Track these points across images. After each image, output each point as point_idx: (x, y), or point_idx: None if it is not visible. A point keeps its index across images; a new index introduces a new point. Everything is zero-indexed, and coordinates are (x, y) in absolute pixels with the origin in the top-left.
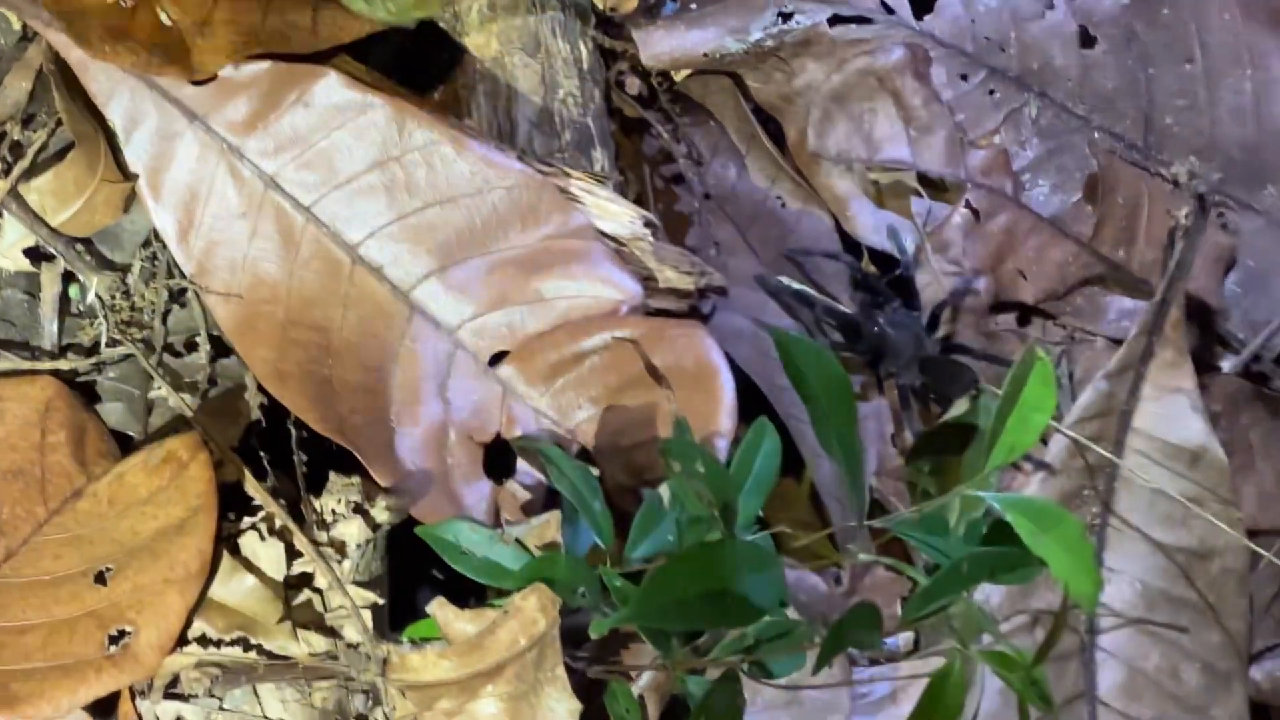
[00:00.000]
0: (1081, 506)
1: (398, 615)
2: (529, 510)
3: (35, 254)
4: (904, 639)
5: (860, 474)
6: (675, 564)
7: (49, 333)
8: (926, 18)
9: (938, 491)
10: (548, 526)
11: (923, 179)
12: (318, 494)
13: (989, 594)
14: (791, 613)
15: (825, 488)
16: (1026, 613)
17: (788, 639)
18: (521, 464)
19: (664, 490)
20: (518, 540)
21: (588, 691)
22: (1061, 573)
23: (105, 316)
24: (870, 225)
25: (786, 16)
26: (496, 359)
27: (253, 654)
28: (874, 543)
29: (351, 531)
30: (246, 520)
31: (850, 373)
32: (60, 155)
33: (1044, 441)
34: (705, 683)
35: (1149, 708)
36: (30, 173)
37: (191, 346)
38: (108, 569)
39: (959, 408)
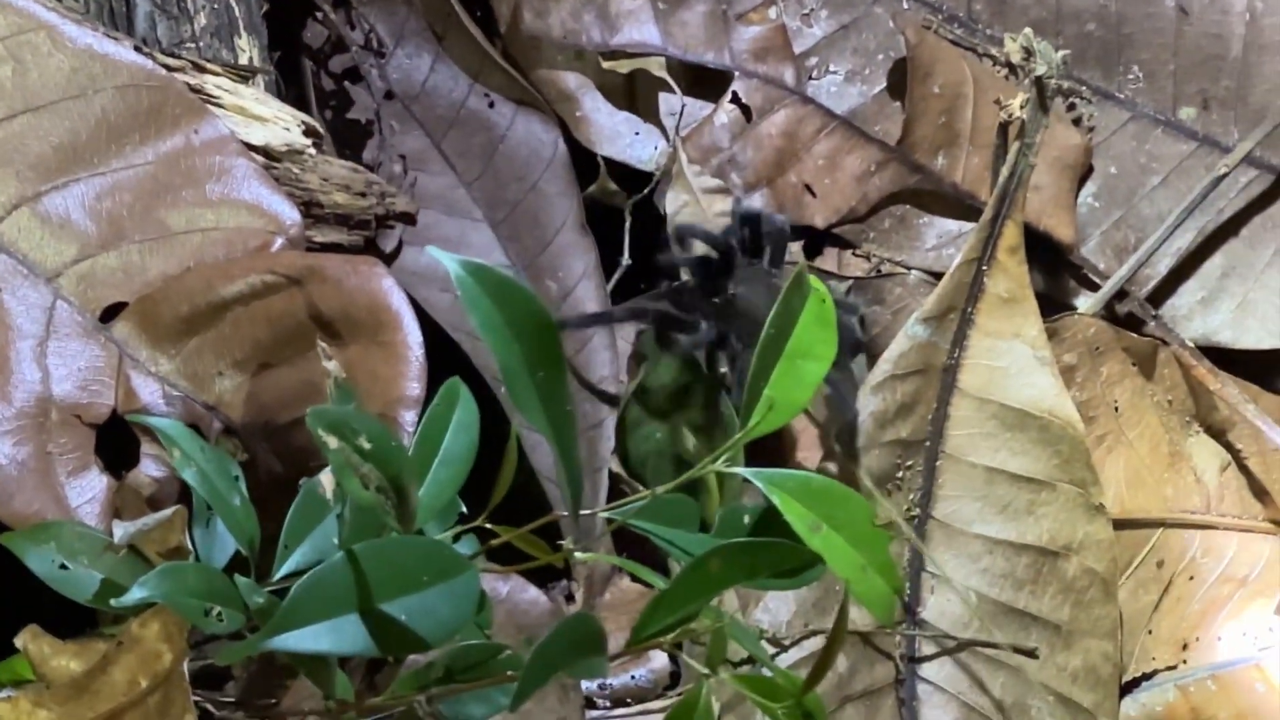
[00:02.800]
0: (894, 493)
1: None
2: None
3: None
4: (658, 671)
5: (573, 447)
6: (331, 571)
7: None
8: None
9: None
10: (170, 527)
11: (675, 67)
12: None
13: (775, 610)
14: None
15: (545, 471)
16: (822, 633)
17: (487, 669)
18: (149, 450)
19: (326, 478)
20: (132, 547)
21: None
22: (846, 570)
23: None
24: (606, 130)
25: None
26: (110, 313)
27: None
28: (614, 543)
29: None
30: None
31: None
32: None
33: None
34: None
35: None
36: None
37: None
38: None
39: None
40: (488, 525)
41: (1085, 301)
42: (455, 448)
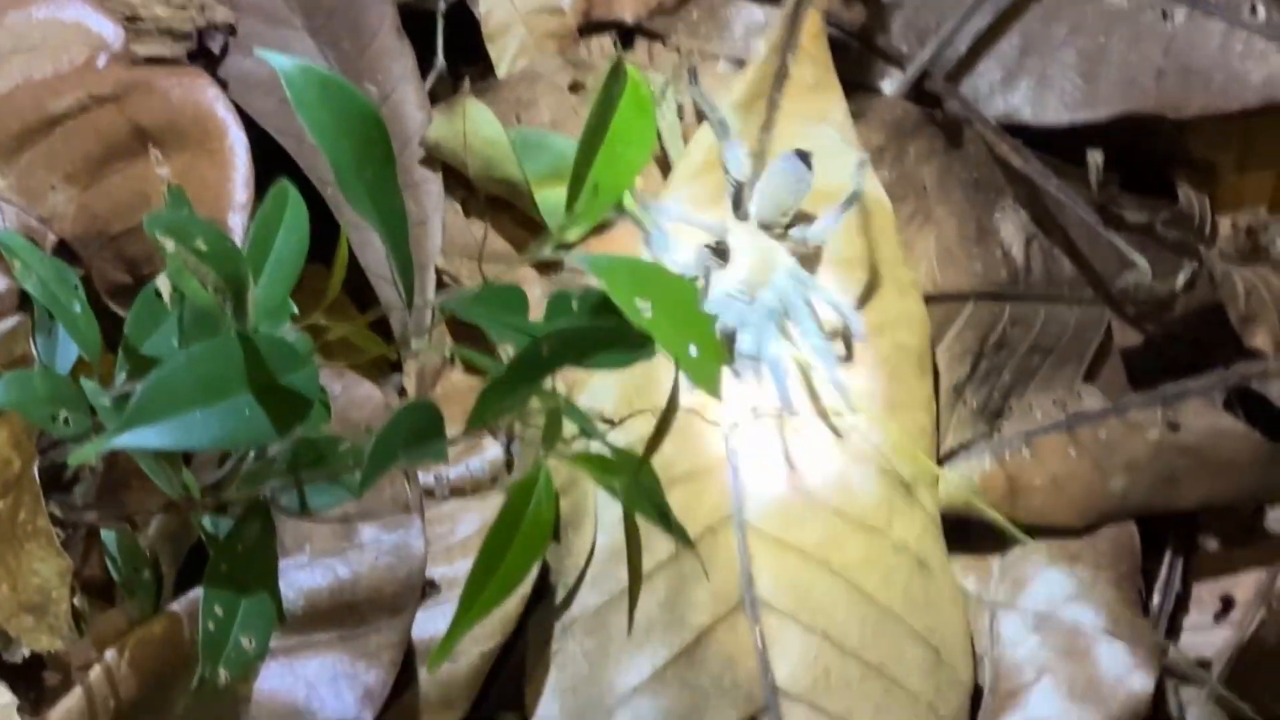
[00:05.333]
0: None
1: None
2: None
3: None
4: (493, 461)
5: (403, 238)
6: (174, 368)
7: None
8: None
9: None
10: (13, 337)
11: None
12: None
13: (600, 396)
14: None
15: (375, 269)
16: (648, 411)
17: (328, 461)
18: None
19: (163, 282)
20: None
21: (85, 546)
22: (673, 348)
23: None
24: None
25: None
26: None
27: None
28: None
29: None
30: None
31: None
32: None
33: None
34: (229, 524)
35: (813, 531)
36: None
37: None
38: None
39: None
40: (321, 322)
41: (891, 83)
42: (286, 247)
